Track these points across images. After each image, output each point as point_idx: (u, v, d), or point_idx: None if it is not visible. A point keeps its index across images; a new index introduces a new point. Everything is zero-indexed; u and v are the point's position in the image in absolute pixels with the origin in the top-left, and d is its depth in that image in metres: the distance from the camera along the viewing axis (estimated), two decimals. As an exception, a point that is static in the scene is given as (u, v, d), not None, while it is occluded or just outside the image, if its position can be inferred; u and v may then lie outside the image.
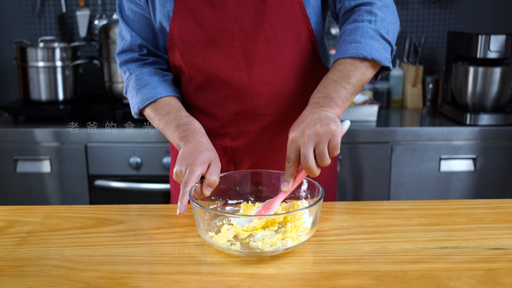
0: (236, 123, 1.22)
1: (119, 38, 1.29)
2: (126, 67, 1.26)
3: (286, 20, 1.16)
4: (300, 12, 1.17)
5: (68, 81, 2.49)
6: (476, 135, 2.25)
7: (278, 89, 1.19)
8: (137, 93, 1.22)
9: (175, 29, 1.17)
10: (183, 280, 0.83)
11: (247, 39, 1.16)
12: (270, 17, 1.15)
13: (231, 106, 1.20)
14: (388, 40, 1.11)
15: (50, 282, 0.83)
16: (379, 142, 2.25)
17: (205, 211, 0.96)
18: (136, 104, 1.22)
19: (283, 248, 0.89)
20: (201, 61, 1.18)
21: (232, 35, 1.15)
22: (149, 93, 1.20)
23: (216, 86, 1.19)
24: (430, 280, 0.82)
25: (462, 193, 2.30)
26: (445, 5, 2.75)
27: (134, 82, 1.23)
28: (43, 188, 2.31)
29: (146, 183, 2.26)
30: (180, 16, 1.16)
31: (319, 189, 1.00)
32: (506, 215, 1.08)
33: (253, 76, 1.17)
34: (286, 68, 1.18)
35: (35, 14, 2.77)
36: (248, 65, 1.17)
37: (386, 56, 1.10)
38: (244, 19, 1.15)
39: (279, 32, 1.16)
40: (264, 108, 1.20)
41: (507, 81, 2.26)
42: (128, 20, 1.24)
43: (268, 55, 1.17)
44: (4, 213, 1.12)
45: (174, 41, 1.18)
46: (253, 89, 1.18)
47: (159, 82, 1.22)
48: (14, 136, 2.27)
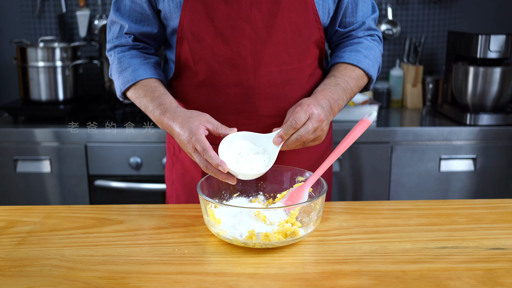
0: (237, 123, 1.22)
1: (112, 27, 1.26)
2: (112, 51, 1.26)
3: (298, 24, 1.17)
4: (314, 18, 1.18)
5: (68, 81, 2.49)
6: (476, 135, 2.25)
7: (283, 92, 1.19)
8: (119, 75, 1.22)
9: (185, 21, 1.16)
10: (183, 280, 0.83)
11: (257, 39, 1.15)
12: (283, 20, 1.15)
13: (233, 105, 1.20)
14: (379, 70, 1.30)
15: (50, 282, 0.83)
16: (379, 142, 2.25)
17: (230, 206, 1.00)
18: (119, 87, 1.23)
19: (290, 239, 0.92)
20: (208, 55, 1.17)
21: (242, 33, 1.15)
22: (129, 76, 1.20)
23: (220, 83, 1.19)
24: (430, 280, 0.82)
25: (462, 193, 2.30)
26: (445, 5, 2.75)
27: (117, 64, 1.23)
28: (43, 188, 2.31)
29: (146, 183, 2.26)
30: (191, 7, 1.15)
31: (323, 184, 1.03)
32: (506, 215, 1.09)
33: (259, 77, 1.17)
34: (293, 72, 1.19)
35: (35, 14, 2.77)
36: (256, 65, 1.16)
37: (374, 81, 1.28)
38: (256, 18, 1.15)
39: (290, 36, 1.16)
40: (267, 110, 1.20)
41: (507, 81, 2.26)
42: (124, 6, 1.22)
43: (276, 57, 1.17)
44: (4, 213, 1.12)
45: (184, 33, 1.17)
46: (257, 90, 1.18)
47: (140, 65, 1.22)
48: (14, 136, 2.27)
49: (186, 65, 1.21)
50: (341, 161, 2.26)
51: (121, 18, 1.23)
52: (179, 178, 1.34)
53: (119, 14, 1.23)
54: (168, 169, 1.39)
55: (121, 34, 1.25)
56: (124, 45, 1.25)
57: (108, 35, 1.28)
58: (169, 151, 1.38)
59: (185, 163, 1.31)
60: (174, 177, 1.36)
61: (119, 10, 1.23)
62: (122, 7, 1.23)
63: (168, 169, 1.39)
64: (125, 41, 1.24)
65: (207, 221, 0.97)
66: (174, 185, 1.36)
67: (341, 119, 2.36)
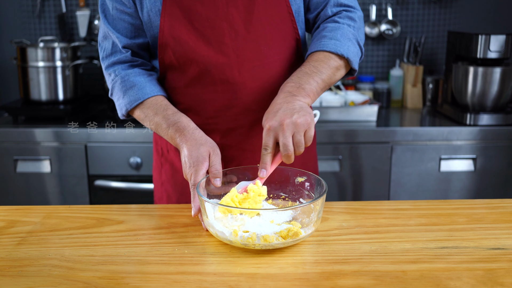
0: (226, 119, 1.23)
1: (102, 43, 1.26)
2: (112, 69, 1.24)
3: (274, 18, 1.19)
4: (287, 10, 1.20)
5: (68, 81, 2.49)
6: (476, 135, 2.25)
7: (268, 85, 1.21)
8: (123, 95, 1.21)
9: (166, 26, 1.17)
10: (183, 280, 0.83)
11: (237, 36, 1.18)
12: (259, 15, 1.18)
13: (221, 102, 1.21)
14: (361, 47, 1.22)
15: (50, 282, 0.83)
16: (379, 142, 2.25)
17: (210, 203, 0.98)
18: (124, 106, 1.22)
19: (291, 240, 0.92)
20: (192, 57, 1.18)
21: (222, 32, 1.17)
22: (136, 95, 1.20)
23: (207, 82, 1.20)
24: (430, 280, 0.82)
25: (462, 193, 2.30)
26: (445, 5, 2.75)
27: (120, 84, 1.22)
28: (43, 188, 2.31)
29: (146, 183, 2.26)
30: (169, 13, 1.17)
31: (322, 184, 1.02)
32: (506, 215, 1.08)
33: (244, 72, 1.19)
34: (274, 64, 1.21)
35: (35, 14, 2.77)
36: (239, 61, 1.18)
37: (356, 60, 1.20)
38: (234, 16, 1.17)
39: (268, 29, 1.19)
40: (254, 104, 1.22)
41: (507, 81, 2.26)
42: (112, 20, 1.22)
43: (257, 52, 1.19)
44: (4, 213, 1.12)
45: (166, 39, 1.18)
46: (243, 85, 1.20)
47: (145, 82, 1.21)
48: (14, 136, 2.27)
49: (171, 69, 1.22)
50: (341, 161, 2.26)
51: (113, 31, 1.22)
52: (169, 179, 1.34)
53: (110, 26, 1.22)
54: (156, 170, 1.39)
55: (116, 50, 1.24)
56: (123, 61, 1.24)
57: (101, 51, 1.26)
58: (157, 152, 1.38)
59: (175, 163, 1.32)
60: (164, 179, 1.36)
61: (109, 24, 1.23)
62: (111, 20, 1.23)
63: (157, 170, 1.38)
64: (123, 57, 1.23)
65: (207, 222, 0.97)
66: (164, 186, 1.36)
67: (341, 119, 2.36)
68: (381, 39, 2.80)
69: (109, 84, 1.26)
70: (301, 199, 1.09)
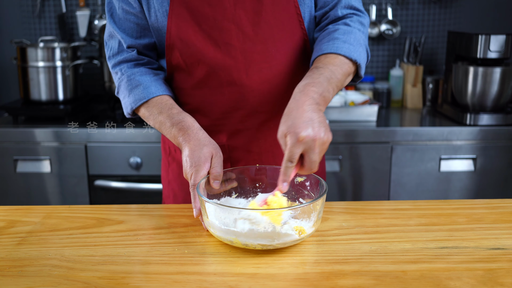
0: (233, 121, 1.23)
1: (109, 42, 1.26)
2: (118, 68, 1.25)
3: (282, 19, 1.18)
4: (295, 11, 1.19)
5: (68, 81, 2.49)
6: (476, 135, 2.25)
7: (275, 87, 1.20)
8: (129, 93, 1.22)
9: (173, 27, 1.17)
10: (183, 280, 0.83)
11: (245, 38, 1.17)
12: (267, 16, 1.16)
13: (229, 103, 1.21)
14: (368, 53, 1.20)
15: (50, 282, 0.83)
16: (379, 142, 2.25)
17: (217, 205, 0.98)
18: (129, 105, 1.22)
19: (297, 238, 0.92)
20: (200, 59, 1.18)
21: (230, 33, 1.16)
22: (141, 94, 1.20)
23: (214, 84, 1.20)
24: (430, 280, 0.82)
25: (462, 193, 2.30)
26: (445, 5, 2.75)
27: (126, 82, 1.22)
28: (43, 188, 2.31)
29: (146, 183, 2.26)
30: (177, 14, 1.16)
31: (322, 184, 1.02)
32: (506, 215, 1.08)
33: (251, 74, 1.18)
34: (282, 66, 1.20)
35: (35, 14, 2.77)
36: (247, 63, 1.18)
37: (364, 66, 1.18)
38: (241, 17, 1.16)
39: (276, 31, 1.18)
40: (261, 106, 1.21)
41: (507, 81, 2.26)
42: (118, 19, 1.22)
43: (265, 54, 1.18)
44: (4, 213, 1.12)
45: (173, 40, 1.18)
46: (251, 87, 1.19)
47: (151, 82, 1.21)
48: (14, 136, 2.27)
49: (178, 70, 1.22)
50: (341, 161, 2.26)
51: (118, 31, 1.22)
52: (175, 178, 1.34)
53: (115, 26, 1.22)
54: (164, 169, 1.39)
55: (122, 49, 1.24)
56: (129, 60, 1.24)
57: (107, 50, 1.26)
58: (164, 151, 1.38)
59: (181, 162, 1.31)
60: (171, 177, 1.36)
61: (115, 23, 1.23)
62: (117, 20, 1.22)
63: (164, 169, 1.39)
64: (129, 56, 1.24)
65: (207, 222, 0.97)
66: (170, 185, 1.36)
67: (341, 119, 2.36)
68: (381, 39, 2.80)
69: (116, 83, 1.27)
70: (301, 199, 1.09)
